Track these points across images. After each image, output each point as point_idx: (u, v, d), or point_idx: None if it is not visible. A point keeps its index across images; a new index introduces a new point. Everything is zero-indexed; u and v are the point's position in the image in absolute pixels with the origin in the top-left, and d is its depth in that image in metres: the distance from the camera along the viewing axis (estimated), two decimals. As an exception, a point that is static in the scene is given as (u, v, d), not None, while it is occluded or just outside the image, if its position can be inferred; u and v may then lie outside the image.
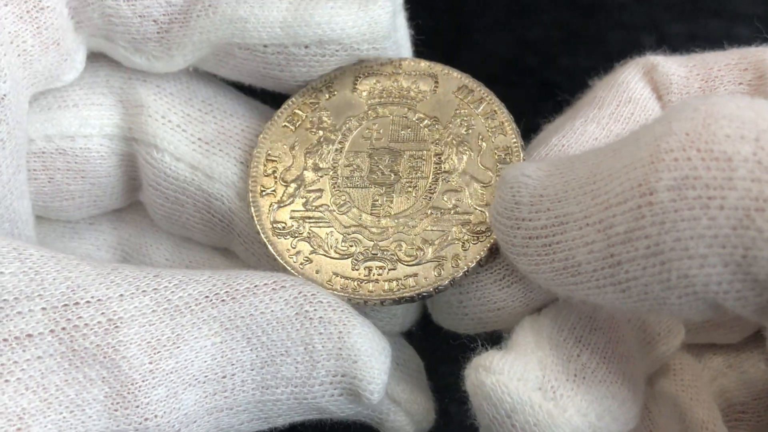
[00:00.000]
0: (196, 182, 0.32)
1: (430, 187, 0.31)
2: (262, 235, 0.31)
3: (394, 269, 0.30)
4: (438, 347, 0.32)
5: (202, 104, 0.33)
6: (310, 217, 0.31)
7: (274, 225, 0.31)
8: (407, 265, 0.30)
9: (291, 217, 0.31)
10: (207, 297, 0.27)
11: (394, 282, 0.30)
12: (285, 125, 0.33)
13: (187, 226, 0.34)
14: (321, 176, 0.32)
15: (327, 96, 0.33)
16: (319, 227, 0.31)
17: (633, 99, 0.32)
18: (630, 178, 0.23)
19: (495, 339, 0.29)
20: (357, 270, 0.30)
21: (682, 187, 0.22)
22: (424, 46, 0.35)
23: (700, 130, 0.22)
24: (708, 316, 0.24)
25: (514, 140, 0.31)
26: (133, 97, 0.33)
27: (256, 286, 0.28)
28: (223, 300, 0.27)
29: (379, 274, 0.30)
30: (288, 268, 0.30)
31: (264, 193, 0.32)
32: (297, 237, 0.31)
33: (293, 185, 0.32)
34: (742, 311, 0.23)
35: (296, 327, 0.27)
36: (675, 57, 0.33)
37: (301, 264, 0.30)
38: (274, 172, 0.32)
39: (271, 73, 0.32)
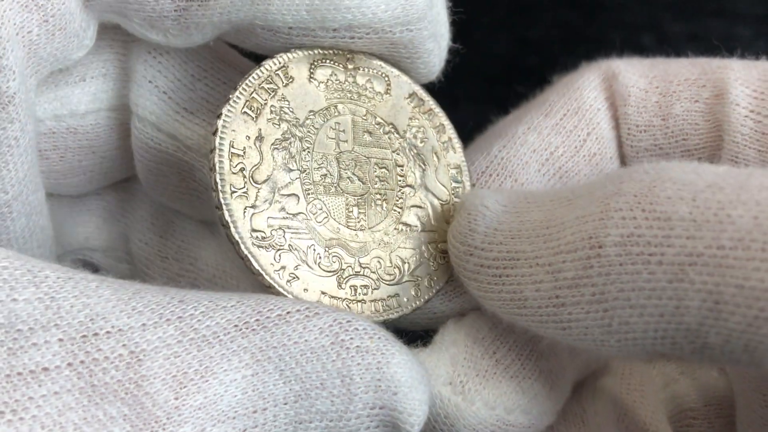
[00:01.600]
0: (178, 154, 0.31)
1: (397, 200, 0.30)
2: (242, 246, 0.27)
3: (377, 288, 0.29)
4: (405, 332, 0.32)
5: (197, 69, 0.31)
6: (289, 227, 0.28)
7: (254, 234, 0.28)
8: (388, 285, 0.29)
9: (269, 225, 0.28)
10: (236, 326, 0.25)
11: (380, 303, 0.29)
12: (246, 112, 0.29)
13: (174, 198, 0.33)
14: (293, 179, 0.29)
15: (284, 82, 0.30)
16: (300, 239, 0.28)
17: (581, 110, 0.32)
18: (581, 229, 0.25)
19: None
20: (343, 289, 0.29)
21: (627, 243, 0.24)
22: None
23: (646, 192, 0.24)
24: (642, 360, 0.26)
25: (462, 158, 0.31)
26: (130, 61, 0.31)
27: (288, 313, 0.26)
28: (253, 329, 0.25)
29: (365, 294, 0.29)
30: (275, 285, 0.28)
31: (235, 194, 0.28)
32: (279, 249, 0.28)
33: (266, 187, 0.28)
34: (678, 355, 0.25)
35: (332, 357, 0.26)
36: (638, 64, 0.33)
37: (288, 281, 0.28)
38: (242, 169, 0.28)
39: None
